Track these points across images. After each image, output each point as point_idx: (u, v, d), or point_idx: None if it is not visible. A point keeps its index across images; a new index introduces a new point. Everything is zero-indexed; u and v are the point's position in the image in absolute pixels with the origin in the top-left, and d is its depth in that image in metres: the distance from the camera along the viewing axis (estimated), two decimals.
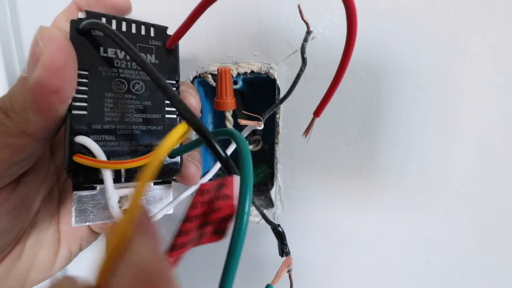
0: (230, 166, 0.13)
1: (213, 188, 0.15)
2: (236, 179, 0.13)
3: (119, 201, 0.18)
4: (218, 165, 0.21)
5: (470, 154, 0.23)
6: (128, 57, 0.17)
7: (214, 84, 0.25)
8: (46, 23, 0.29)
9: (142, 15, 0.19)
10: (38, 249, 0.20)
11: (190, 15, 0.16)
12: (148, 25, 0.18)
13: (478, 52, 0.22)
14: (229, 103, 0.23)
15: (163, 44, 0.18)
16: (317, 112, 0.19)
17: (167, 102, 0.18)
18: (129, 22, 0.17)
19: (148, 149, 0.17)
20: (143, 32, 0.18)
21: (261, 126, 0.19)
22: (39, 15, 0.28)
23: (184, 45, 0.19)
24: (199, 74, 0.26)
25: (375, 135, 0.24)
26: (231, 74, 0.23)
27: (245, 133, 0.20)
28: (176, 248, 0.15)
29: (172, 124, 0.18)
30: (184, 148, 0.17)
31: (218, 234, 0.15)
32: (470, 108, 0.22)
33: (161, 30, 0.18)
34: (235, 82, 0.25)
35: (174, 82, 0.18)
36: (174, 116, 0.18)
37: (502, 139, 0.22)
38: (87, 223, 0.17)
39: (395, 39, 0.22)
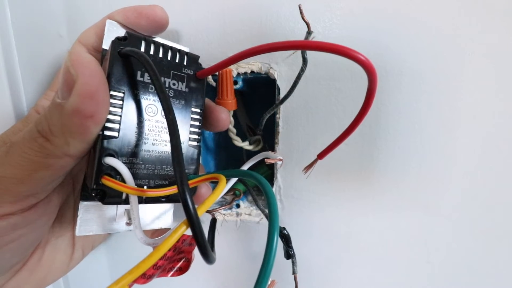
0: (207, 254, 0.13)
1: (187, 238, 0.20)
2: None
3: (124, 214, 0.19)
4: (229, 185, 0.22)
5: (471, 154, 0.23)
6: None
7: (214, 84, 0.25)
8: (46, 23, 0.29)
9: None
10: (55, 254, 0.21)
11: (232, 58, 0.16)
12: (182, 53, 0.18)
13: (478, 52, 0.22)
14: (230, 103, 0.23)
15: (194, 73, 0.19)
16: (321, 155, 0.20)
17: (190, 130, 0.19)
18: (166, 48, 0.18)
19: (172, 174, 0.18)
20: (177, 60, 0.18)
21: (281, 162, 0.21)
22: (39, 16, 0.28)
23: (185, 45, 0.20)
24: None
25: (375, 135, 0.24)
26: (232, 75, 0.23)
27: (255, 159, 0.21)
28: (144, 276, 0.19)
29: (193, 152, 0.19)
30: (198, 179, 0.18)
31: (181, 270, 0.20)
32: (470, 107, 0.22)
33: (194, 59, 0.19)
34: (235, 82, 0.25)
35: (199, 110, 0.19)
36: (195, 143, 0.19)
37: (502, 139, 0.23)
38: (90, 233, 0.18)
39: (395, 39, 0.22)
